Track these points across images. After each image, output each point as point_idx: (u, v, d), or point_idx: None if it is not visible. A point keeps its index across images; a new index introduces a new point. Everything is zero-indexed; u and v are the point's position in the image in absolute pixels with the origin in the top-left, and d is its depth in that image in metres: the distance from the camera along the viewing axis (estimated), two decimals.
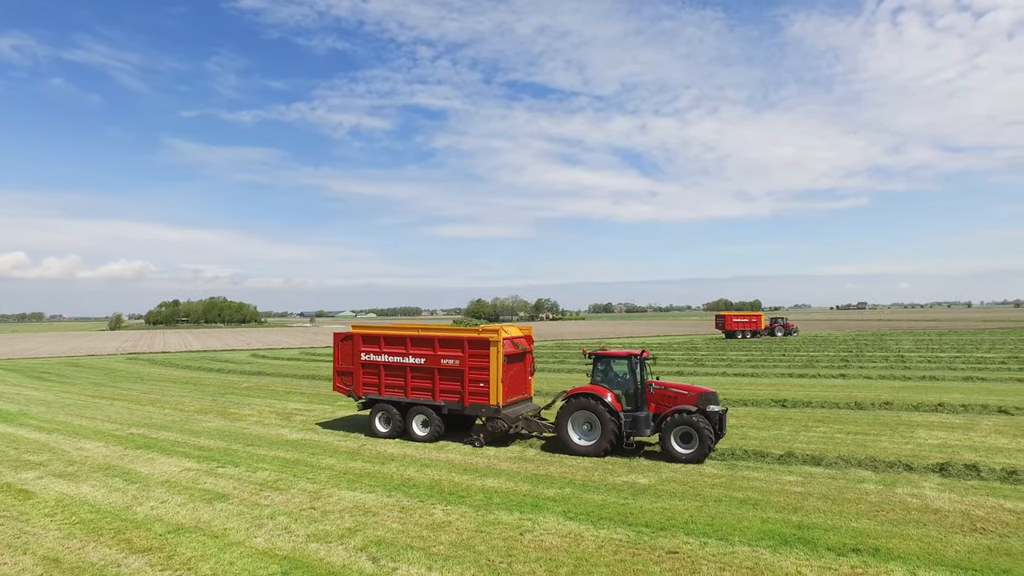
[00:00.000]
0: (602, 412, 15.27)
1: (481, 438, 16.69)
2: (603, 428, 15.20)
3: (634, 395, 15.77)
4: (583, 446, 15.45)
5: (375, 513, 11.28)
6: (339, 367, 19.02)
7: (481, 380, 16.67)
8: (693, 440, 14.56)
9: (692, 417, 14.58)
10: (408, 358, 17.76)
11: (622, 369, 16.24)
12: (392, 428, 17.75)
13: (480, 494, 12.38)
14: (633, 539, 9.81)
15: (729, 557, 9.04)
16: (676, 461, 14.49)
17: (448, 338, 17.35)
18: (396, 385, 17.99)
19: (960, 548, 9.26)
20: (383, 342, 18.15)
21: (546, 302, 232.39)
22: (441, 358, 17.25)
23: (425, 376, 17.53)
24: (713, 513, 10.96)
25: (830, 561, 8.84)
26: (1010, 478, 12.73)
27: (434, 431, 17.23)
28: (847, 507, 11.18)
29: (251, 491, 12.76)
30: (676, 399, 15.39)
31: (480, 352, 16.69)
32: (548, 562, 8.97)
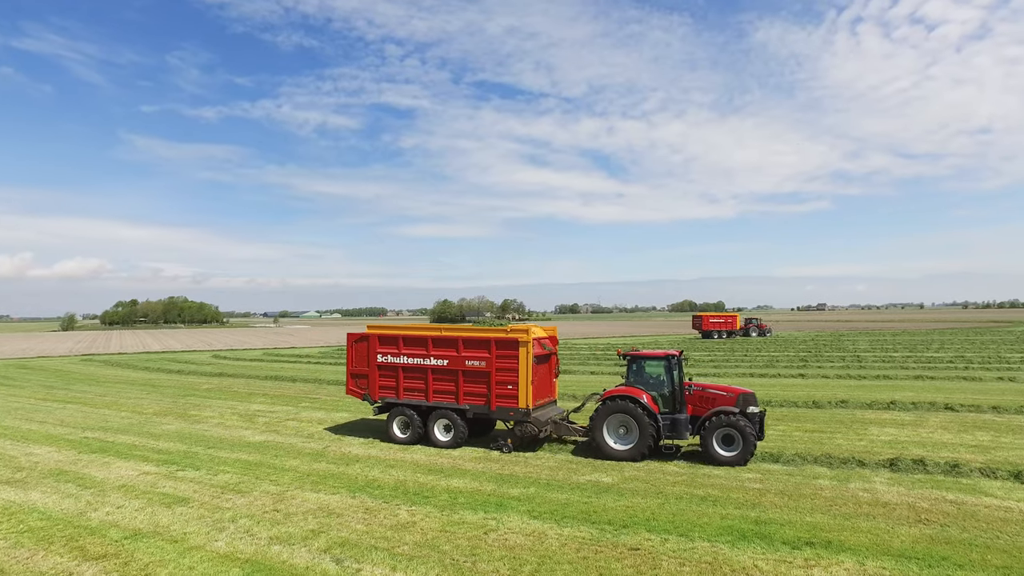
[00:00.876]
0: (639, 415, 14.73)
1: (509, 443, 15.98)
2: (641, 431, 14.66)
3: (671, 397, 15.35)
4: (620, 450, 14.89)
5: (339, 514, 11.22)
6: (353, 369, 18.20)
7: (509, 382, 16.01)
8: (735, 442, 14.26)
9: (734, 419, 14.27)
10: (430, 360, 17.03)
11: (658, 370, 15.75)
12: (412, 433, 16.96)
13: (445, 494, 12.41)
14: (596, 537, 9.96)
15: (689, 553, 9.26)
16: (718, 464, 14.19)
17: (473, 338, 16.72)
18: (416, 388, 17.26)
19: (906, 539, 9.65)
20: (402, 343, 17.44)
21: (512, 303, 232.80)
22: (466, 359, 16.57)
23: (448, 378, 16.84)
24: (674, 510, 11.20)
25: (785, 554, 9.13)
26: (952, 471, 13.30)
27: (458, 436, 16.47)
28: (803, 502, 11.53)
29: (212, 494, 12.55)
30: (715, 400, 15.05)
31: (508, 353, 16.04)
32: (512, 561, 9.06)
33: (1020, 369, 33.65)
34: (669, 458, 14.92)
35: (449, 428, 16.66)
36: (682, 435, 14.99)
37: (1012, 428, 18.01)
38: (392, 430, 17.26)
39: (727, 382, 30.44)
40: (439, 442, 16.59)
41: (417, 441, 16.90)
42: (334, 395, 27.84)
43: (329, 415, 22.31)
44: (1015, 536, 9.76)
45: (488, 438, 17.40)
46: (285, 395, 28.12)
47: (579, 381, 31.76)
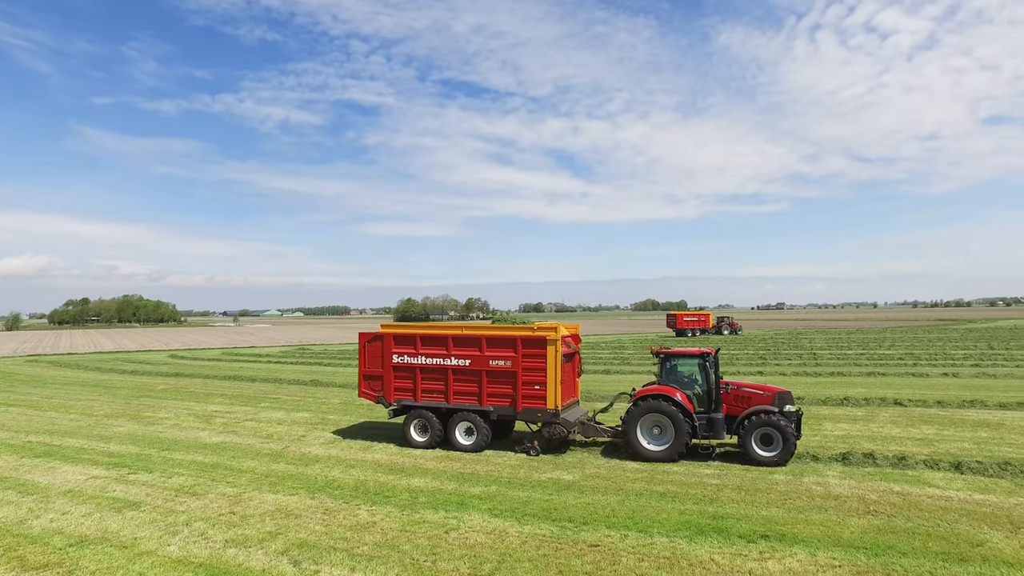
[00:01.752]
0: (675, 414, 14.36)
1: (536, 445, 15.48)
2: (677, 431, 14.30)
3: (707, 396, 15.05)
4: (655, 451, 14.51)
5: (298, 516, 11.04)
6: (366, 371, 17.32)
7: (536, 382, 15.43)
8: (775, 442, 14.01)
9: (774, 418, 14.00)
10: (450, 360, 16.29)
11: (692, 368, 15.48)
12: (431, 437, 16.18)
13: (406, 494, 12.33)
14: (557, 534, 10.02)
15: (648, 548, 9.38)
16: (758, 464, 13.93)
17: (498, 337, 16.07)
18: (435, 390, 16.50)
19: (855, 530, 9.96)
20: (419, 342, 16.67)
21: (477, 301, 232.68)
22: (489, 359, 15.89)
23: (470, 379, 16.15)
24: (634, 507, 11.33)
25: (741, 548, 9.32)
26: (900, 464, 13.78)
27: (481, 439, 15.79)
28: (759, 497, 11.79)
29: (165, 497, 12.22)
30: (751, 399, 14.80)
31: (535, 352, 15.47)
32: (472, 559, 9.05)
33: (963, 365, 35.03)
34: (705, 459, 14.65)
35: (471, 431, 15.95)
36: (719, 435, 14.68)
37: (954, 421, 18.75)
38: (410, 434, 16.43)
39: None
40: (461, 446, 15.89)
41: (436, 445, 16.12)
42: (295, 395, 27.41)
43: (289, 415, 21.94)
44: (953, 524, 10.18)
45: (507, 441, 16.84)
46: (244, 395, 27.55)
47: None
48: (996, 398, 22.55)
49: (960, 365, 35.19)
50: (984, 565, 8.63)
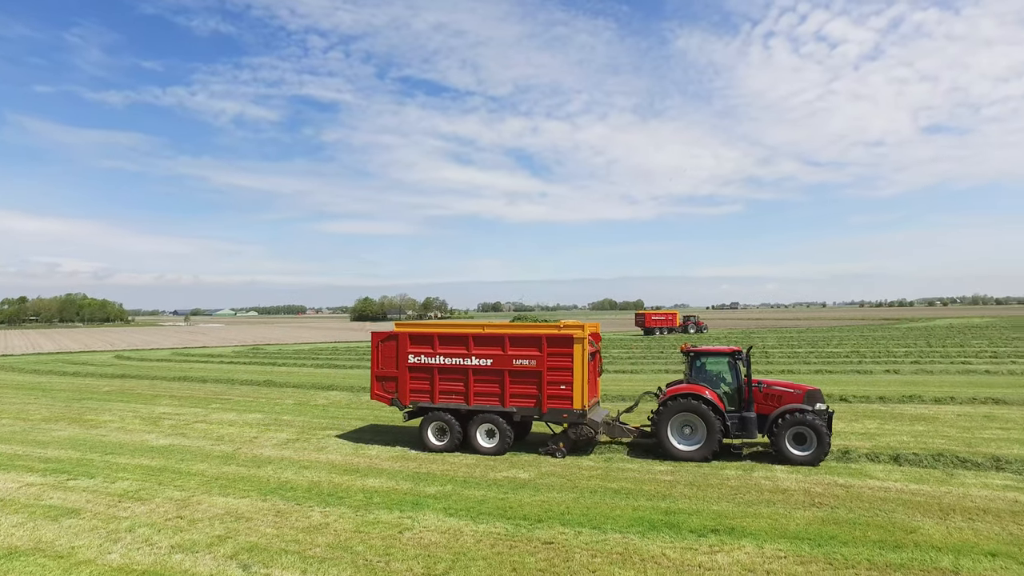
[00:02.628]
0: (707, 413, 14.17)
1: (562, 447, 15.05)
2: (709, 431, 14.14)
3: (737, 394, 14.90)
4: (686, 451, 14.30)
5: (248, 519, 10.80)
6: (379, 372, 16.61)
7: (562, 382, 14.99)
8: (808, 441, 13.82)
9: (808, 417, 13.82)
10: (471, 359, 15.72)
11: (722, 367, 15.30)
12: (450, 440, 15.60)
13: (360, 494, 12.19)
14: (511, 532, 10.05)
15: (601, 544, 9.49)
16: (790, 463, 13.77)
17: (522, 336, 15.55)
18: (454, 391, 15.94)
19: (800, 521, 10.28)
20: (437, 342, 16.06)
21: (435, 300, 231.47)
22: (513, 358, 15.37)
23: (492, 379, 15.60)
24: (588, 504, 11.45)
25: (692, 542, 9.51)
26: (843, 457, 14.29)
27: (504, 441, 15.30)
28: (710, 492, 12.05)
29: (108, 503, 11.79)
30: (781, 398, 14.60)
31: (561, 351, 15.03)
32: (426, 559, 9.01)
33: (904, 362, 36.52)
34: (736, 458, 14.54)
35: (492, 433, 15.47)
36: (752, 434, 14.46)
37: (895, 416, 19.55)
38: (427, 437, 15.80)
39: (643, 378, 31.45)
40: (482, 448, 15.38)
41: (455, 448, 15.55)
42: (248, 396, 26.79)
43: (241, 416, 21.44)
44: (891, 513, 10.63)
45: (527, 443, 16.39)
46: (194, 396, 26.79)
47: None
48: (932, 393, 23.59)
49: (901, 362, 36.68)
50: (916, 551, 9.04)
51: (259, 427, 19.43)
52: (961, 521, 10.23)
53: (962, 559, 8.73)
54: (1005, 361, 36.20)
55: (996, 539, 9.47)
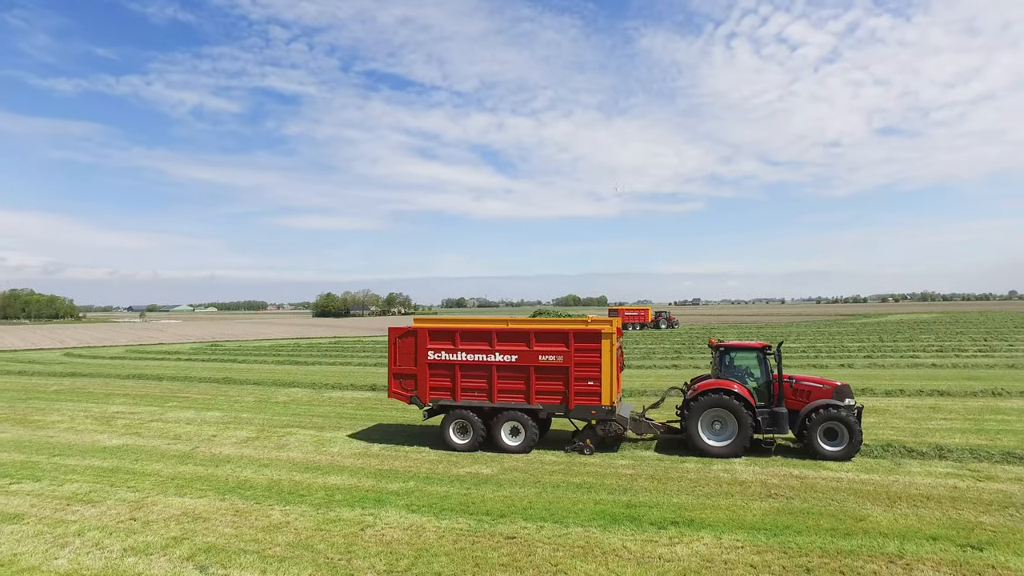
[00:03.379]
0: (739, 408, 14.07)
1: (589, 444, 14.87)
2: (741, 426, 14.05)
3: (767, 390, 14.85)
4: (717, 447, 14.20)
5: (206, 519, 10.57)
6: (396, 369, 16.11)
7: (590, 378, 14.78)
8: (839, 436, 13.78)
9: (840, 412, 13.76)
10: (495, 355, 15.33)
11: (751, 362, 15.24)
12: (473, 438, 15.25)
13: (322, 492, 12.05)
14: (474, 527, 10.07)
15: (564, 538, 9.58)
16: (822, 459, 13.71)
17: (548, 331, 15.23)
18: (477, 388, 15.56)
19: (757, 512, 10.55)
20: (459, 338, 15.61)
21: (398, 296, 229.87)
22: (539, 354, 15.07)
23: (517, 376, 15.27)
24: (551, 498, 11.54)
25: (652, 534, 9.67)
26: (799, 450, 14.64)
27: (529, 439, 15.00)
28: (670, 485, 12.26)
29: (55, 507, 11.38)
30: (810, 393, 14.57)
31: (589, 346, 14.80)
32: (388, 556, 8.96)
33: (857, 356, 37.70)
34: (766, 453, 14.46)
35: (517, 431, 15.16)
36: (783, 429, 14.37)
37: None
38: (449, 436, 15.44)
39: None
40: (507, 447, 15.07)
41: (478, 447, 15.22)
42: (206, 393, 26.20)
43: (199, 414, 20.95)
44: (842, 502, 11.00)
45: (547, 441, 16.18)
46: (150, 395, 26.07)
47: None
48: (883, 386, 24.43)
49: (855, 356, 37.85)
50: (865, 538, 9.38)
51: (218, 425, 19.03)
52: (907, 508, 10.64)
53: (907, 544, 9.10)
54: (950, 355, 37.70)
55: (938, 524, 9.91)
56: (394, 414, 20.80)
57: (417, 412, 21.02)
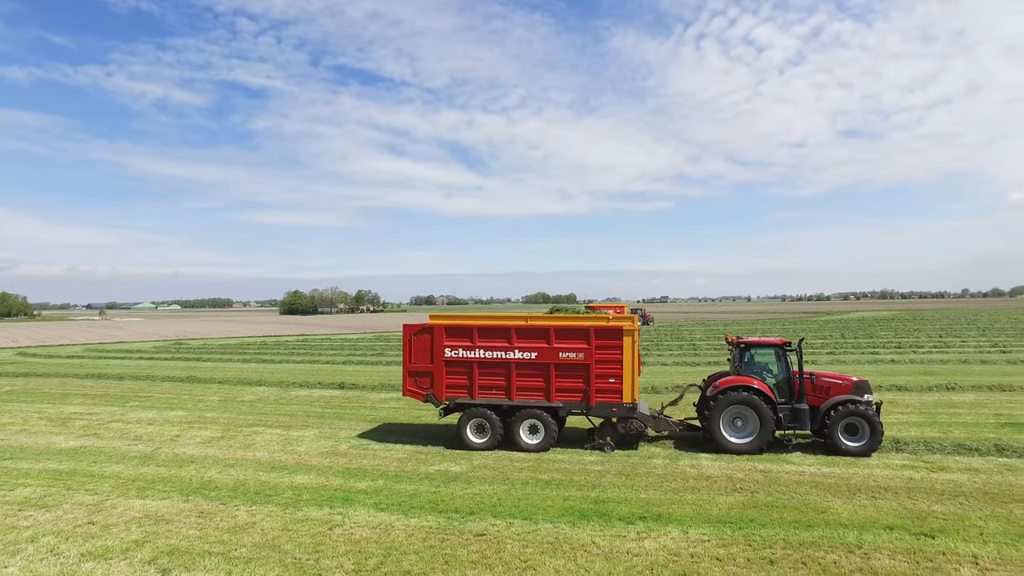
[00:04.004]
0: (761, 405, 14.08)
1: (609, 441, 14.80)
2: (763, 423, 14.05)
3: (787, 386, 14.86)
4: (739, 444, 14.19)
5: (169, 521, 10.34)
6: (412, 367, 15.80)
7: (611, 375, 14.69)
8: (860, 432, 13.89)
9: (862, 408, 13.82)
10: (513, 353, 15.13)
11: (770, 358, 15.24)
12: (491, 437, 15.02)
13: (289, 492, 11.89)
14: (443, 525, 10.05)
15: (533, 535, 9.62)
16: (843, 455, 13.78)
17: (568, 327, 15.11)
18: (495, 386, 15.35)
19: (723, 506, 10.74)
20: (477, 335, 15.37)
21: (367, 293, 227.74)
22: (559, 351, 14.93)
23: (536, 374, 15.10)
24: (520, 495, 11.58)
25: (620, 529, 9.78)
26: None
27: (549, 437, 14.84)
28: (638, 480, 12.41)
29: (5, 513, 10.96)
30: (829, 390, 14.66)
31: (610, 343, 14.71)
32: (357, 555, 8.90)
33: (820, 353, 38.60)
34: (786, 449, 14.50)
35: (536, 429, 14.96)
36: (804, 425, 14.37)
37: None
38: (465, 435, 15.19)
39: None
40: (526, 445, 14.88)
41: (495, 446, 15.01)
42: (169, 392, 25.62)
43: (162, 414, 20.48)
44: (805, 495, 11.28)
45: (568, 440, 15.94)
46: (109, 395, 25.38)
47: None
48: None
49: (818, 353, 38.72)
50: (826, 528, 9.64)
51: (181, 425, 18.62)
52: (865, 499, 10.96)
53: (865, 534, 9.37)
54: (907, 351, 38.89)
55: (894, 514, 10.23)
56: (362, 412, 20.63)
57: (386, 410, 20.90)
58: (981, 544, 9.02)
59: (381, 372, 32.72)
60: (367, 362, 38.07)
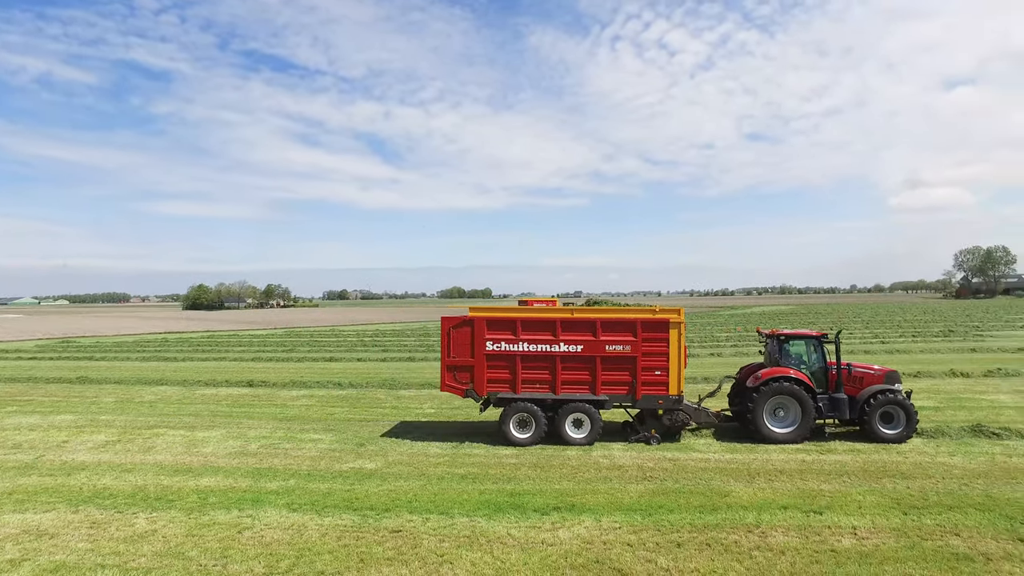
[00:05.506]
0: (803, 395, 14.46)
1: (654, 433, 14.83)
2: (805, 413, 14.45)
3: (823, 376, 15.24)
4: (781, 433, 14.51)
5: (54, 535, 9.59)
6: (451, 361, 15.31)
7: (658, 368, 14.71)
8: (896, 420, 14.44)
9: (899, 396, 14.41)
10: (559, 346, 14.88)
11: (807, 350, 15.57)
12: (535, 432, 14.76)
13: (194, 495, 11.32)
14: (358, 523, 9.89)
15: (449, 529, 9.64)
16: (880, 442, 14.31)
17: (615, 320, 14.94)
18: (539, 379, 15.06)
19: (634, 494, 11.16)
20: (520, 327, 15.03)
21: (277, 288, 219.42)
22: (605, 344, 14.76)
23: (582, 367, 14.92)
24: (436, 490, 11.56)
25: (535, 521, 9.95)
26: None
27: (596, 431, 14.69)
28: (552, 472, 12.66)
29: None
30: (863, 380, 15.17)
31: (657, 336, 14.70)
32: (268, 557, 8.61)
33: (725, 346, 40.72)
34: (824, 439, 14.79)
35: (581, 423, 14.79)
36: (843, 414, 14.81)
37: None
38: (509, 430, 14.86)
39: None
40: (572, 439, 14.71)
41: (539, 441, 14.78)
42: (55, 395, 23.70)
43: (47, 419, 18.93)
44: (709, 481, 11.90)
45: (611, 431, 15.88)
46: None
47: (350, 369, 31.18)
48: None
49: (723, 346, 40.84)
50: (728, 511, 10.22)
51: (70, 430, 17.29)
52: (764, 483, 11.69)
53: (763, 514, 10.02)
54: None
55: (788, 494, 10.99)
56: (273, 410, 19.91)
57: (297, 407, 20.24)
58: (859, 516, 9.92)
59: (292, 369, 31.68)
60: (277, 359, 36.74)
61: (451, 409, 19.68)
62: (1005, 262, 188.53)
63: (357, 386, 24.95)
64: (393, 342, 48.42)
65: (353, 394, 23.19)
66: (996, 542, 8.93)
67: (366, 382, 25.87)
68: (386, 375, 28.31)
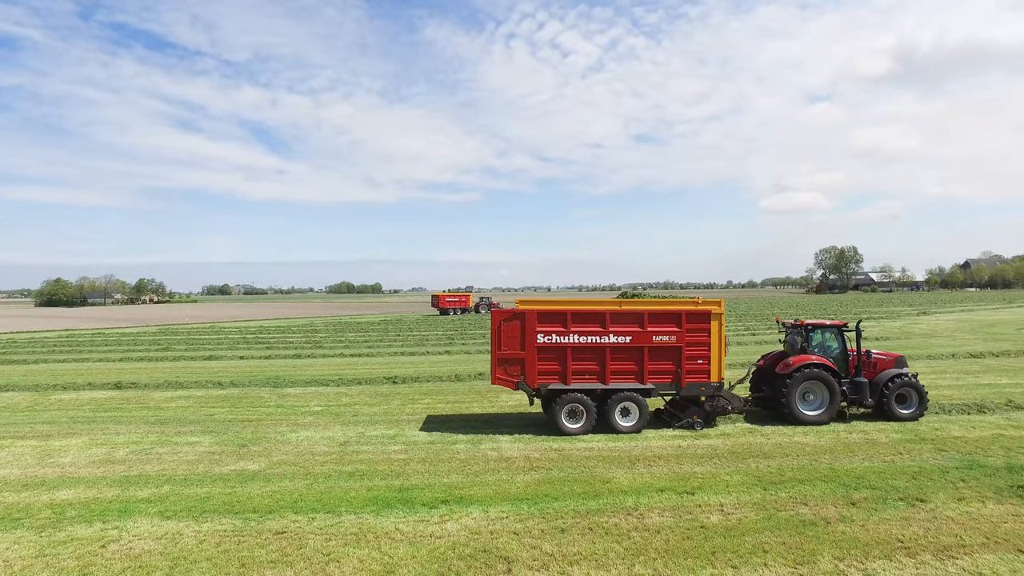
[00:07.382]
0: (831, 381, 15.65)
1: (697, 419, 15.56)
2: (832, 396, 15.65)
3: (844, 362, 16.47)
4: (812, 416, 15.69)
5: None
6: (501, 354, 15.45)
7: (700, 356, 15.53)
8: (909, 400, 15.94)
9: (914, 379, 15.92)
10: (608, 337, 15.40)
11: (832, 338, 16.75)
12: (586, 422, 15.14)
13: (48, 510, 10.38)
14: (239, 527, 9.51)
15: (336, 527, 9.50)
16: (897, 420, 15.76)
17: (661, 312, 15.59)
18: (589, 371, 15.49)
19: (521, 485, 11.49)
20: (571, 320, 15.40)
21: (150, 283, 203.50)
22: (652, 335, 15.43)
23: (630, 357, 15.49)
24: (322, 489, 11.33)
25: (424, 515, 10.02)
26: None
27: (643, 419, 15.26)
28: (441, 466, 12.75)
29: None
30: (877, 365, 16.56)
31: (700, 326, 15.53)
32: (137, 570, 8.09)
33: None
34: (846, 420, 16.08)
35: (627, 411, 15.33)
36: (865, 398, 16.05)
37: None
38: (561, 421, 15.19)
39: (381, 360, 31.78)
40: (621, 428, 15.21)
41: (590, 430, 15.20)
42: None
43: None
44: (592, 468, 12.46)
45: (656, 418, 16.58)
46: None
47: (231, 367, 29.61)
48: None
49: None
50: (610, 496, 10.77)
51: None
52: (643, 468, 12.42)
53: (641, 497, 10.66)
54: None
55: (665, 478, 11.75)
56: (145, 413, 18.57)
57: (173, 409, 18.98)
58: (727, 494, 10.79)
59: (167, 368, 29.65)
60: (150, 358, 34.18)
61: (339, 406, 19.26)
62: (855, 260, 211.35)
63: (239, 385, 23.79)
64: (278, 339, 46.42)
65: (235, 393, 22.10)
66: (834, 507, 10.09)
67: (249, 381, 24.73)
68: (270, 373, 27.19)
